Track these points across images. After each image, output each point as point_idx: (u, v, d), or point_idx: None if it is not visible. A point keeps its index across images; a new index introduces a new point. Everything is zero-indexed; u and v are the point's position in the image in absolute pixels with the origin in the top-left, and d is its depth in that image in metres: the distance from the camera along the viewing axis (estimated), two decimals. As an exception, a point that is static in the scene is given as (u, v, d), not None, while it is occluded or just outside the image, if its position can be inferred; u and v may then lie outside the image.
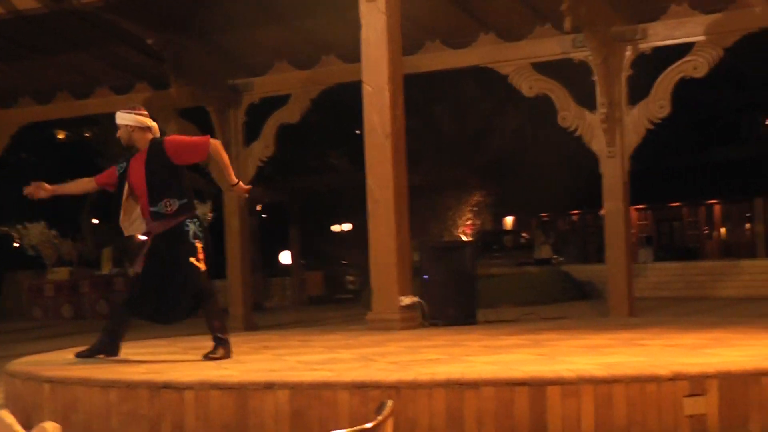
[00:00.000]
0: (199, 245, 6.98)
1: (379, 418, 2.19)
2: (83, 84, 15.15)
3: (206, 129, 14.43)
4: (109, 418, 5.99)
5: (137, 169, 7.07)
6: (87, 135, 31.24)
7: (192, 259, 6.92)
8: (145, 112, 7.23)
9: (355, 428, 2.14)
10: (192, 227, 7.01)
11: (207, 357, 6.98)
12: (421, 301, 9.96)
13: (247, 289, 14.16)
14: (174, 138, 7.46)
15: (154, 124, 7.22)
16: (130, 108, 7.27)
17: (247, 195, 8.13)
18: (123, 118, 7.13)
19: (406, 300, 9.71)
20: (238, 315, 13.90)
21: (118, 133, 7.20)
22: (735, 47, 11.51)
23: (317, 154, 30.87)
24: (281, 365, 6.59)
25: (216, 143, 7.15)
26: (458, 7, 12.44)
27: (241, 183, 7.38)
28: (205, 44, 14.01)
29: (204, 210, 19.90)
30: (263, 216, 28.74)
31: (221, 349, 7.03)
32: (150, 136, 7.15)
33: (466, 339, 8.25)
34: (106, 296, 21.06)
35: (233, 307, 14.04)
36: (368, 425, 2.14)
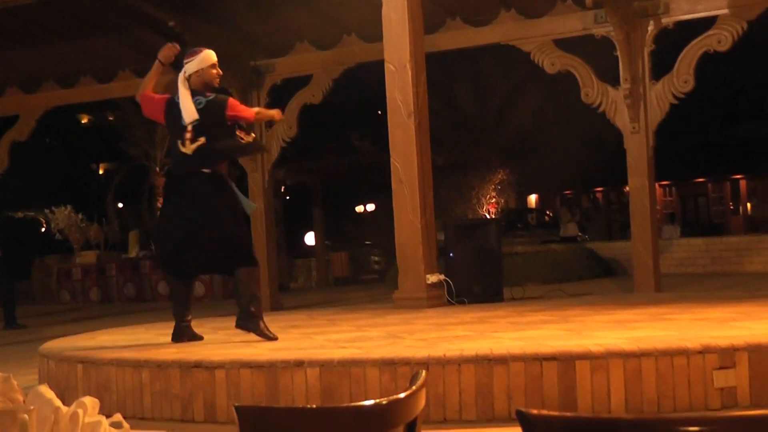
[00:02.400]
0: None
1: (413, 387, 2.21)
2: (106, 68, 15.19)
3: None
4: (142, 398, 6.06)
5: None
6: (110, 119, 31.41)
7: None
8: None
9: (388, 397, 2.16)
10: None
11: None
12: (447, 279, 9.99)
13: (273, 271, 14.20)
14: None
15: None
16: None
17: (281, 117, 8.20)
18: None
19: (432, 278, 9.75)
20: (264, 296, 13.92)
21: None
22: (759, 21, 11.43)
23: (339, 135, 30.90)
24: (310, 343, 6.64)
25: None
26: (479, -16, 12.40)
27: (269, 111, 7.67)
28: (226, 27, 14.01)
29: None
30: (287, 198, 28.81)
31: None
32: None
33: (493, 316, 8.27)
34: (133, 279, 21.24)
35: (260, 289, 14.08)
36: (402, 395, 2.16)
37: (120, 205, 25.98)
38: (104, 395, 6.18)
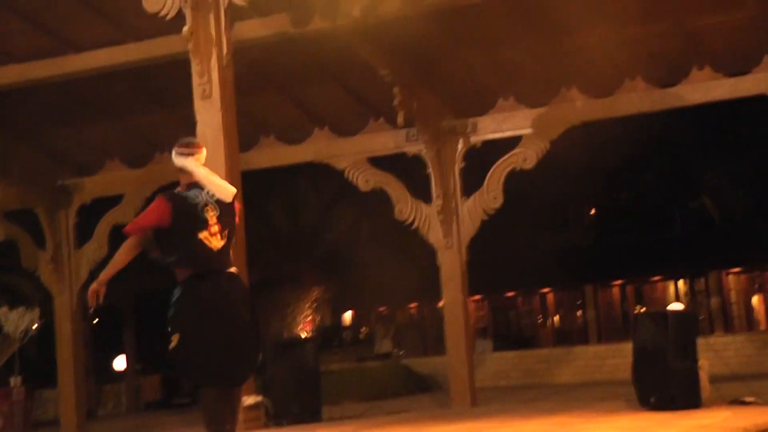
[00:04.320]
0: None
1: None
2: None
3: (35, 231, 13.97)
4: None
5: None
6: None
7: None
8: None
9: None
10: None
11: None
12: (265, 400, 9.77)
13: (80, 397, 13.60)
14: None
15: (180, 164, 6.53)
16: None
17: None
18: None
19: (249, 400, 9.51)
20: (70, 424, 13.32)
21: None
22: (560, 139, 11.94)
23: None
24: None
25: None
26: (292, 103, 12.52)
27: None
28: (32, 143, 13.61)
29: (32, 316, 19.12)
30: (96, 320, 27.84)
31: None
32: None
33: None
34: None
35: (65, 416, 13.46)
36: None
37: None
38: None
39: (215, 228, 6.31)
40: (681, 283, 32.75)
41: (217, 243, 6.32)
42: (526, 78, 11.68)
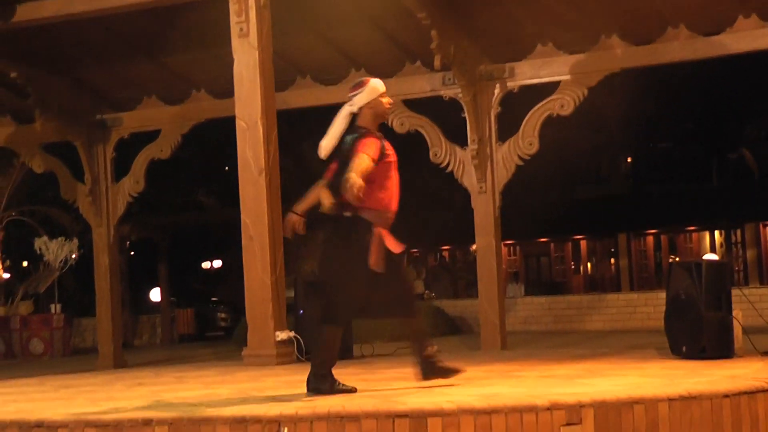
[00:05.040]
0: None
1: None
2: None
3: (74, 164, 14.15)
4: (-23, 462, 5.77)
5: None
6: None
7: None
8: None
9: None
10: None
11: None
12: (297, 336, 9.92)
13: (117, 327, 13.84)
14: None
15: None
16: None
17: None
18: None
19: (282, 335, 9.68)
20: (107, 353, 13.57)
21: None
22: (597, 88, 11.88)
23: (186, 191, 30.53)
24: (157, 401, 6.46)
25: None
26: (328, 44, 12.51)
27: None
28: (71, 79, 13.71)
29: (71, 247, 19.44)
30: (132, 253, 28.22)
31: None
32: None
33: (344, 373, 8.19)
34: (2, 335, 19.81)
35: (102, 345, 13.71)
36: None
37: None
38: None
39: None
40: (717, 234, 32.60)
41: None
42: (565, 24, 11.59)
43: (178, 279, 27.24)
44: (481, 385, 6.52)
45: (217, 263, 35.03)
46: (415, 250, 34.75)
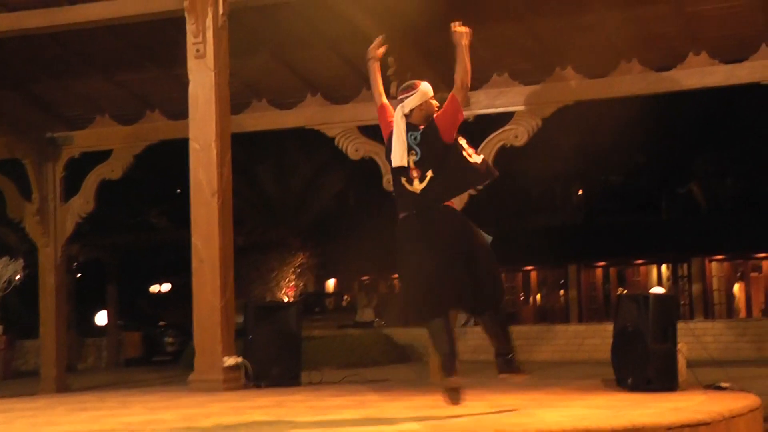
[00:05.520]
0: None
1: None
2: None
3: (22, 182, 13.94)
4: None
5: None
6: None
7: None
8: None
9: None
10: None
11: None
12: (245, 362, 9.81)
13: (61, 350, 13.60)
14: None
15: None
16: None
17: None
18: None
19: (230, 360, 9.56)
20: (50, 376, 13.33)
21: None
22: (551, 119, 11.95)
23: (137, 212, 30.28)
24: (100, 427, 6.34)
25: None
26: (285, 68, 12.48)
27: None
28: (23, 94, 13.54)
29: (15, 267, 19.11)
30: (79, 275, 27.86)
31: None
32: None
33: (291, 400, 8.15)
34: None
35: (45, 368, 13.47)
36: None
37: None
38: None
39: (415, 173, 6.42)
40: (664, 267, 32.95)
41: (415, 188, 6.39)
42: (521, 54, 11.65)
43: (127, 301, 26.93)
44: (428, 414, 6.48)
45: (166, 286, 34.72)
46: (366, 276, 34.71)
